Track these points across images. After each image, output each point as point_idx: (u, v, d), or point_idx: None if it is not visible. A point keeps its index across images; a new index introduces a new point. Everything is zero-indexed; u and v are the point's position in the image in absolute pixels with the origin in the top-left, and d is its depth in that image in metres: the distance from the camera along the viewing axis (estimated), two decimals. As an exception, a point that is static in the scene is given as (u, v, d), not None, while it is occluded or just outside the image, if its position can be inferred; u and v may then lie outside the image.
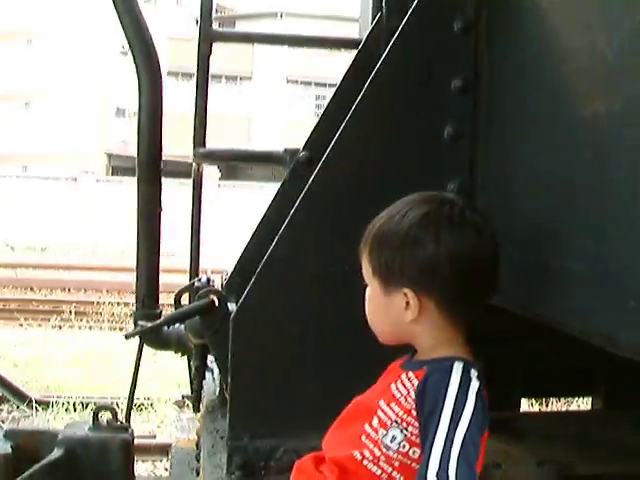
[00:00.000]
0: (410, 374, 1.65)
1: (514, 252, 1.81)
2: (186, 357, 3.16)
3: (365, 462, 1.65)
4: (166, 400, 8.40)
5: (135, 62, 2.93)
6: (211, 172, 31.59)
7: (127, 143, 39.95)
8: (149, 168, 3.09)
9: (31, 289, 18.66)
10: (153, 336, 3.06)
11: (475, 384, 1.58)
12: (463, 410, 1.53)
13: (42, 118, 41.14)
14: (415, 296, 1.64)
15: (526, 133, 1.97)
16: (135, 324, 3.00)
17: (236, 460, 2.25)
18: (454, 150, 2.25)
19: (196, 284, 2.92)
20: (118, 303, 15.03)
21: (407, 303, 1.65)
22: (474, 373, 1.60)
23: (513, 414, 2.99)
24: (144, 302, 3.17)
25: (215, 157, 3.33)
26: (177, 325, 2.99)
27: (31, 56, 38.63)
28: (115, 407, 2.73)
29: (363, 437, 1.67)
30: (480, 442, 1.55)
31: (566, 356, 2.80)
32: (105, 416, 2.69)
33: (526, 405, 6.39)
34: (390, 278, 1.67)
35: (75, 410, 8.24)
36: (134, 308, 3.21)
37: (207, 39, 3.15)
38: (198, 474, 2.57)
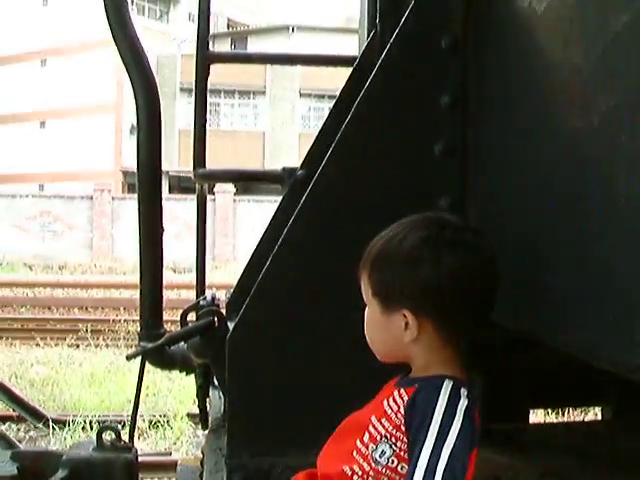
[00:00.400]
0: (402, 391, 1.67)
1: (502, 267, 1.82)
2: (193, 375, 3.18)
3: (355, 477, 1.67)
4: (182, 417, 8.42)
5: (131, 82, 2.96)
6: (227, 187, 31.76)
7: (142, 160, 40.08)
8: (149, 187, 3.11)
9: (49, 308, 18.74)
10: (157, 356, 3.07)
11: (463, 402, 1.59)
12: (450, 427, 1.54)
13: (57, 137, 41.39)
14: (414, 317, 1.65)
15: (513, 148, 1.98)
16: (138, 344, 3.02)
17: (236, 478, 2.27)
18: (445, 166, 2.27)
19: (201, 302, 2.94)
20: (134, 321, 15.06)
21: (406, 324, 1.66)
22: (464, 392, 1.61)
23: (518, 426, 2.99)
24: (147, 322, 3.18)
25: (215, 177, 3.36)
26: (182, 344, 3.00)
27: (45, 76, 38.86)
28: (118, 427, 2.74)
29: (354, 452, 1.69)
30: (467, 459, 1.55)
31: (574, 366, 2.79)
32: (109, 436, 2.71)
33: (541, 415, 6.40)
34: (390, 299, 1.69)
35: (92, 429, 8.26)
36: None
37: (204, 61, 3.19)
38: (201, 492, 2.58)
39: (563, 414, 6.10)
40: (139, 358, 2.90)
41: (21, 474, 2.59)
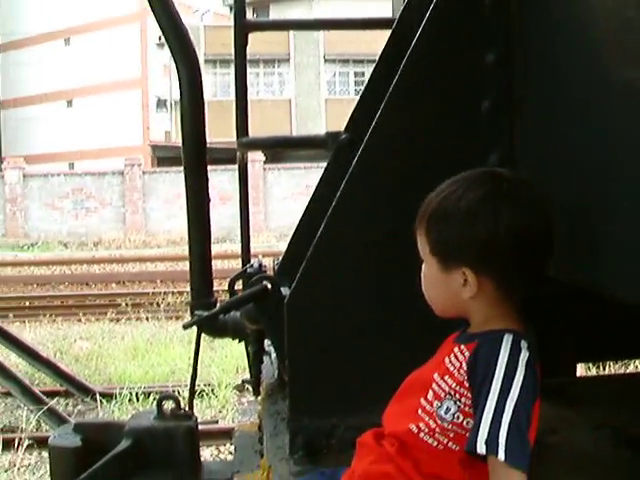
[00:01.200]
0: (462, 347, 1.69)
1: (558, 220, 1.82)
2: (244, 343, 3.21)
3: (422, 435, 1.69)
4: (226, 385, 8.51)
5: (172, 54, 2.98)
6: (256, 156, 31.78)
7: (170, 134, 40.23)
8: (195, 158, 3.13)
9: (87, 284, 18.92)
10: (210, 325, 3.10)
11: (525, 354, 1.59)
12: (513, 379, 1.55)
13: (84, 115, 41.54)
14: (473, 274, 1.66)
15: (562, 101, 1.97)
16: (192, 314, 3.06)
17: (298, 440, 2.31)
18: (492, 123, 2.26)
19: (248, 270, 2.97)
20: (173, 292, 15.20)
21: (465, 281, 1.67)
22: (524, 344, 1.62)
23: (569, 380, 3.00)
24: (199, 292, 3.22)
25: (258, 145, 3.38)
26: (232, 312, 3.03)
27: (70, 55, 38.93)
28: (178, 396, 2.79)
29: (419, 410, 1.71)
30: (532, 411, 1.57)
31: (621, 318, 2.79)
32: (169, 405, 2.75)
33: (583, 370, 6.40)
34: (448, 256, 1.69)
35: (138, 400, 8.39)
36: (189, 298, 3.26)
37: (242, 30, 3.19)
38: (262, 456, 2.62)
39: (604, 368, 6.10)
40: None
41: (85, 445, 2.64)
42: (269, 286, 2.66)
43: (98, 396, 8.30)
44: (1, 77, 47.30)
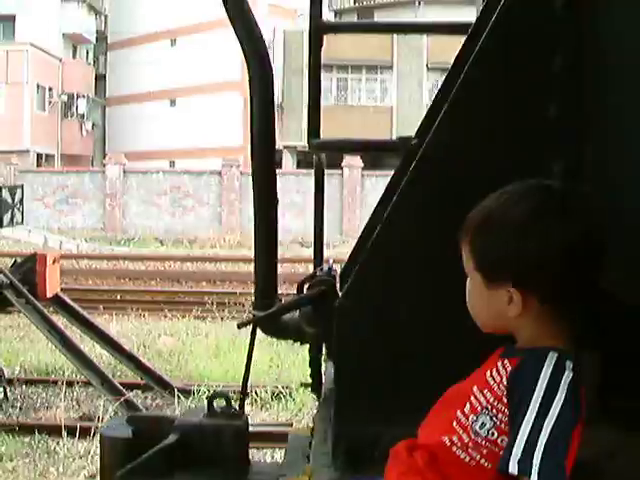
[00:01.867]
0: (506, 361, 1.62)
1: (623, 237, 1.74)
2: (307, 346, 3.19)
3: (454, 448, 1.63)
4: (304, 387, 8.52)
5: (245, 57, 2.97)
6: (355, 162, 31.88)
7: (269, 136, 40.54)
8: (263, 159, 3.12)
9: (177, 281, 19.21)
10: (271, 324, 3.09)
11: (568, 375, 1.52)
12: (553, 400, 1.48)
13: (187, 115, 42.28)
14: (519, 292, 1.59)
15: (632, 111, 1.89)
16: (250, 313, 3.05)
17: (341, 447, 2.26)
18: (558, 130, 2.18)
19: (318, 274, 2.95)
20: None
21: (510, 298, 1.60)
22: (569, 365, 1.54)
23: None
24: (262, 292, 3.21)
25: (330, 147, 3.33)
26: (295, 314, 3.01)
27: (175, 56, 39.66)
28: (229, 395, 2.77)
29: (454, 423, 1.65)
30: (570, 435, 1.49)
31: None
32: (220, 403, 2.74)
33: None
34: (493, 273, 1.62)
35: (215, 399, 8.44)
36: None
37: (317, 31, 3.17)
38: (309, 461, 2.59)
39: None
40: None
41: (135, 437, 2.64)
42: (328, 289, 2.64)
43: (176, 391, 8.40)
44: (109, 75, 48.59)
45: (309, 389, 3.59)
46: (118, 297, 16.30)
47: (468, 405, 1.64)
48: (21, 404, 8.82)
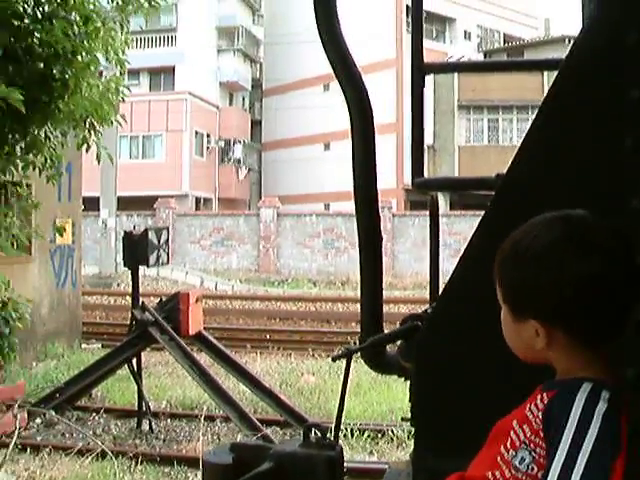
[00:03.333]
0: (544, 395, 1.61)
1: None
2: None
3: None
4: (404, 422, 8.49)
5: (343, 90, 3.06)
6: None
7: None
8: (366, 197, 3.19)
9: (327, 321, 19.42)
10: (374, 360, 3.15)
11: (602, 406, 1.49)
12: (587, 432, 1.46)
13: (341, 158, 42.75)
14: (542, 326, 1.58)
15: None
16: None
17: (420, 479, 2.30)
18: (635, 163, 2.17)
19: (428, 311, 2.99)
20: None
21: (536, 331, 1.59)
22: (605, 395, 1.51)
23: None
24: (367, 329, 3.27)
25: (431, 186, 3.39)
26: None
27: (328, 100, 40.24)
28: (325, 426, 2.84)
29: (498, 458, 1.64)
30: (608, 468, 1.45)
31: None
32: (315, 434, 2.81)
33: None
34: (517, 306, 1.62)
35: (352, 436, 8.52)
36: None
37: (419, 71, 3.23)
38: (399, 493, 2.63)
39: None
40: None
41: (235, 464, 2.74)
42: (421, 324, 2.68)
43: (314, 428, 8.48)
44: (264, 121, 49.83)
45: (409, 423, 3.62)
46: (267, 336, 16.63)
47: (509, 440, 1.63)
48: (164, 436, 9.19)
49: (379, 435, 8.69)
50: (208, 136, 44.98)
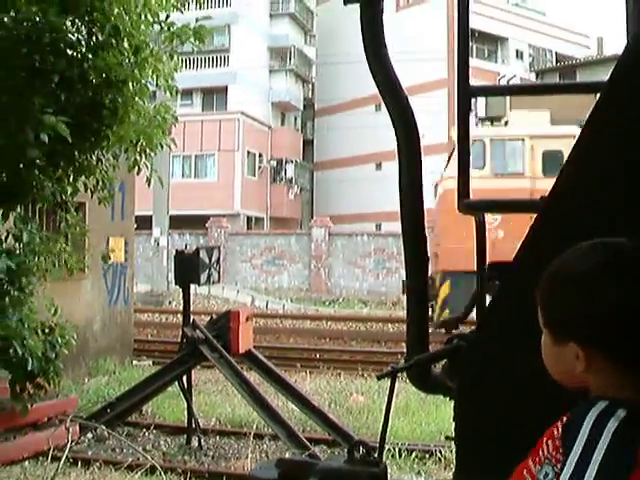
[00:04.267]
0: (570, 413, 1.62)
1: None
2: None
3: None
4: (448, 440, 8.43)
5: (392, 119, 3.11)
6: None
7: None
8: (412, 220, 3.23)
9: (377, 342, 19.39)
10: (421, 380, 3.17)
11: (613, 423, 1.49)
12: (595, 448, 1.47)
13: (392, 178, 42.67)
14: (582, 349, 1.59)
15: None
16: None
17: (465, 497, 2.33)
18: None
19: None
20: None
21: (576, 355, 1.60)
22: (620, 413, 1.51)
23: None
24: (412, 348, 3.29)
25: (478, 207, 3.41)
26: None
27: (380, 119, 40.38)
28: (369, 443, 2.88)
29: (524, 471, 1.67)
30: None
31: None
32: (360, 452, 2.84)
33: None
34: (558, 330, 1.64)
35: (400, 456, 8.51)
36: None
37: (466, 95, 3.27)
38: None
39: None
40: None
41: (280, 479, 2.79)
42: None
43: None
44: (316, 140, 50.07)
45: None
46: (317, 356, 16.67)
47: (537, 455, 1.65)
48: (213, 453, 9.24)
49: (427, 455, 8.66)
50: (260, 156, 45.29)
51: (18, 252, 7.77)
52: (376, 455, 2.90)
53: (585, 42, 49.73)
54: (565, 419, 1.61)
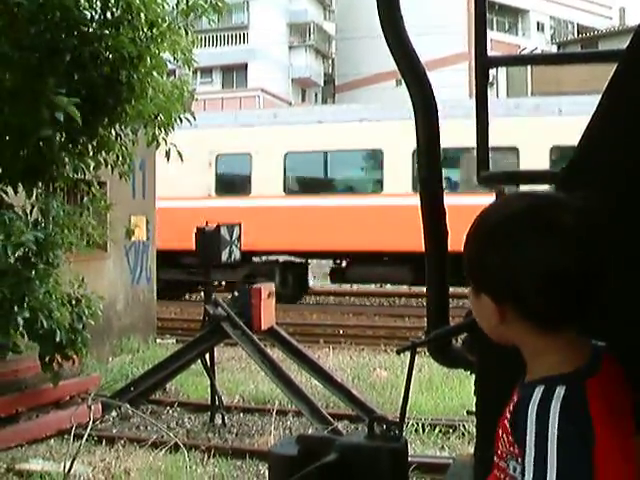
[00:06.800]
0: (514, 396, 1.57)
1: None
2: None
3: None
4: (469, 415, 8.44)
5: (410, 93, 3.08)
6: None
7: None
8: (430, 193, 3.20)
9: (400, 317, 19.37)
10: (441, 354, 3.15)
11: (556, 404, 1.42)
12: (547, 436, 1.40)
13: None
14: (493, 302, 1.52)
15: None
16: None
17: (481, 471, 2.31)
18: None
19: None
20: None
21: (491, 308, 1.53)
22: (559, 392, 1.44)
23: None
24: (433, 323, 3.27)
25: (496, 179, 3.37)
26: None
27: (400, 95, 40.27)
28: (389, 419, 2.86)
29: (496, 470, 1.64)
30: (585, 460, 1.38)
31: None
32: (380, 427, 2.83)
33: None
34: (474, 281, 1.58)
35: (424, 431, 8.52)
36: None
37: (482, 65, 3.23)
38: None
39: None
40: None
41: (300, 455, 2.78)
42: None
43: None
44: (336, 117, 49.96)
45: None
46: (340, 332, 16.70)
47: (499, 449, 1.60)
48: (237, 430, 9.30)
49: (451, 430, 8.66)
50: (280, 132, 45.24)
51: (44, 225, 7.83)
52: (397, 430, 2.89)
53: (607, 13, 49.23)
54: (509, 416, 1.55)
